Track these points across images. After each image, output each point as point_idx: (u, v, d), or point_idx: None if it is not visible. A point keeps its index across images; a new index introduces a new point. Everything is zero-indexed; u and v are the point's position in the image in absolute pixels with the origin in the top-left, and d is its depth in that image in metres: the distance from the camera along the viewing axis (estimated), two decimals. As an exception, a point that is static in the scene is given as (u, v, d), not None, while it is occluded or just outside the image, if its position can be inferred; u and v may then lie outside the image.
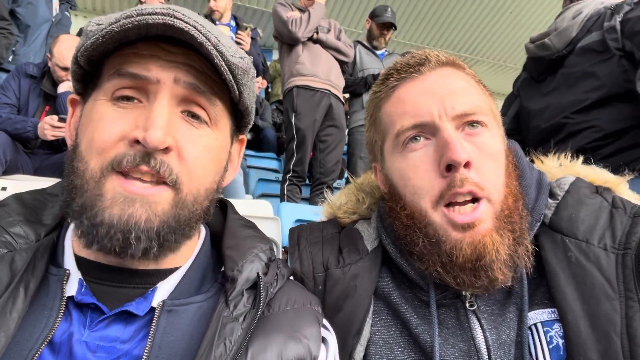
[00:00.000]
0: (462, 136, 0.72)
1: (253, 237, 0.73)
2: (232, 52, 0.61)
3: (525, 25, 7.98)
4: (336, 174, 3.40)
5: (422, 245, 0.72)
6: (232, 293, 0.62)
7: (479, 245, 0.67)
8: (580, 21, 1.77)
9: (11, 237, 0.59)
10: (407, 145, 0.75)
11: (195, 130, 0.61)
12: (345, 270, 0.82)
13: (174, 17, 0.55)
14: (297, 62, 3.24)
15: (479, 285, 0.69)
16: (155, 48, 0.59)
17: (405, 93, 0.77)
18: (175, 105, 0.60)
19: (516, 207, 0.72)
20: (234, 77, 0.62)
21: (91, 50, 0.59)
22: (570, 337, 0.64)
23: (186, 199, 0.60)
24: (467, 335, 0.71)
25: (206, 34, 0.57)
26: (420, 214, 0.72)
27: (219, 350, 0.55)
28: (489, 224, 0.69)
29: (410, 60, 0.79)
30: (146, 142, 0.54)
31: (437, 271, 0.71)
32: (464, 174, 0.68)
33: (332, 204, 0.99)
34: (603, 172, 0.85)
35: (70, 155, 0.62)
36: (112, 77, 0.59)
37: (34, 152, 2.82)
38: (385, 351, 0.75)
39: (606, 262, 0.67)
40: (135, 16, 0.55)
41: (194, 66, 0.61)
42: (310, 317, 0.67)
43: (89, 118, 0.60)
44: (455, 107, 0.72)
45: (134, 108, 0.59)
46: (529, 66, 2.04)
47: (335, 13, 7.48)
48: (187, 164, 0.59)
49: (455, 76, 0.78)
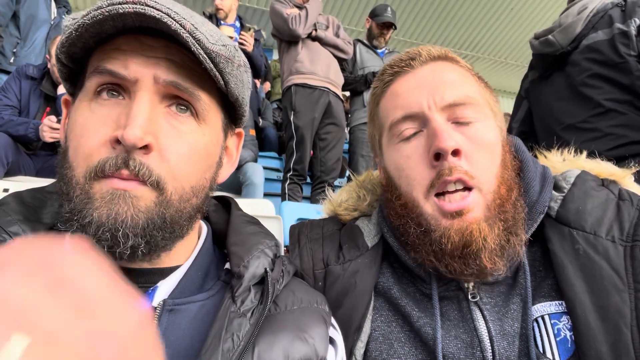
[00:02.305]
0: (452, 127, 0.72)
1: (258, 233, 0.72)
2: (212, 40, 0.58)
3: (526, 22, 7.96)
4: (337, 172, 3.39)
5: (414, 234, 0.73)
6: (238, 289, 0.61)
7: (465, 233, 0.68)
8: (585, 17, 1.74)
9: (9, 236, 0.58)
10: (400, 136, 0.76)
11: (180, 125, 0.59)
12: (345, 267, 0.82)
13: (145, 4, 0.53)
14: (295, 60, 3.23)
15: (469, 272, 0.70)
16: (135, 42, 0.58)
17: (398, 87, 0.79)
18: (158, 102, 0.58)
19: (509, 196, 0.72)
20: (216, 65, 0.59)
21: (68, 46, 0.57)
22: (580, 329, 0.64)
23: (171, 198, 0.58)
24: (470, 326, 0.71)
25: (180, 20, 0.54)
26: (413, 204, 0.74)
27: (226, 345, 0.55)
28: (478, 212, 0.69)
29: (403, 56, 0.82)
30: (124, 139, 0.53)
31: (430, 260, 0.72)
32: (453, 162, 0.69)
33: (333, 201, 0.99)
34: (608, 165, 0.85)
35: (60, 160, 0.60)
36: (92, 75, 0.58)
37: (35, 153, 2.82)
38: (384, 347, 0.75)
39: (614, 254, 0.67)
40: (105, 6, 0.53)
41: (175, 60, 0.58)
42: (316, 317, 0.66)
43: (74, 122, 0.59)
44: (444, 97, 0.73)
45: (115, 105, 0.57)
46: (535, 63, 2.02)
47: (335, 11, 7.48)
48: (169, 163, 0.57)
49: (448, 69, 0.79)
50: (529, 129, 2.05)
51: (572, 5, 1.85)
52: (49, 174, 2.78)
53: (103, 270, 0.30)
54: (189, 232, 0.66)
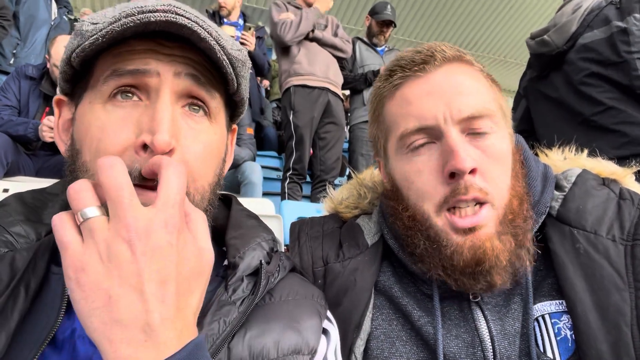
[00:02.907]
0: (467, 140, 0.70)
1: (257, 226, 0.73)
2: (231, 45, 0.60)
3: (525, 20, 7.95)
4: (337, 171, 3.40)
5: (423, 247, 0.72)
6: (232, 278, 0.61)
7: (478, 251, 0.66)
8: (579, 15, 1.73)
9: (12, 236, 0.59)
10: (411, 148, 0.73)
11: (196, 126, 0.61)
12: (344, 265, 0.82)
13: (176, 13, 0.54)
14: (293, 62, 3.23)
15: (478, 288, 0.69)
16: (151, 43, 0.58)
17: (410, 93, 0.75)
18: (175, 101, 0.59)
19: (520, 210, 0.71)
20: (234, 69, 0.61)
21: (88, 51, 0.57)
22: (580, 328, 0.64)
23: (194, 199, 0.59)
24: (471, 326, 0.71)
25: (208, 28, 0.56)
26: (423, 217, 0.72)
27: (212, 327, 0.55)
28: (491, 228, 0.68)
29: (415, 57, 0.76)
30: (154, 146, 0.53)
31: (439, 274, 0.71)
32: (469, 181, 0.67)
33: (334, 198, 0.99)
34: (609, 164, 0.85)
35: (70, 164, 0.60)
36: (109, 78, 0.57)
37: (35, 153, 2.82)
38: (386, 345, 0.75)
39: (615, 254, 0.67)
40: (136, 14, 0.53)
41: (193, 59, 0.60)
42: (310, 309, 0.66)
43: (87, 124, 0.58)
44: (461, 109, 0.70)
45: (134, 107, 0.57)
46: (532, 63, 2.01)
47: (334, 10, 7.47)
48: (190, 166, 0.58)
49: (462, 73, 0.75)
50: (529, 127, 2.05)
51: (566, 4, 1.85)
52: (49, 174, 2.78)
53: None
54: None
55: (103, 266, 0.42)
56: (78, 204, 0.44)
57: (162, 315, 0.42)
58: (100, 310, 0.41)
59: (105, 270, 0.42)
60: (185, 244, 0.47)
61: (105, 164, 0.45)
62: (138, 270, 0.42)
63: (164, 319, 0.42)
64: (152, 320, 0.42)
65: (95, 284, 0.42)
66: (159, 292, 0.43)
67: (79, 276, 0.42)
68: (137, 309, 0.42)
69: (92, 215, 0.44)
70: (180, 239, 0.46)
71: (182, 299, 0.45)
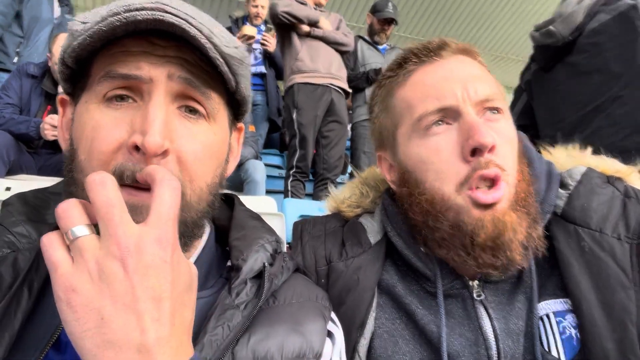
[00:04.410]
0: (482, 121, 0.72)
1: (260, 228, 0.72)
2: (226, 42, 0.58)
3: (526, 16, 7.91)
4: (339, 169, 3.39)
5: (443, 229, 0.72)
6: (235, 281, 0.61)
7: (499, 224, 0.67)
8: (585, 6, 1.72)
9: (14, 236, 0.58)
10: (429, 129, 0.74)
11: (192, 127, 0.59)
12: (347, 264, 0.81)
13: (164, 11, 0.53)
14: (296, 59, 3.21)
15: (498, 264, 0.69)
16: (144, 43, 0.57)
17: (426, 77, 0.77)
18: (170, 102, 0.58)
19: (529, 191, 0.72)
20: (230, 67, 0.60)
21: (78, 51, 0.57)
22: (585, 326, 0.64)
23: (191, 200, 0.58)
24: (475, 324, 0.71)
25: (198, 26, 0.54)
26: (443, 198, 0.71)
27: (216, 333, 0.55)
28: (507, 204, 0.69)
29: (429, 45, 0.79)
30: (145, 147, 0.52)
31: (458, 254, 0.71)
32: (489, 157, 0.68)
33: (336, 197, 0.98)
34: (614, 162, 0.84)
35: (68, 163, 0.60)
36: (103, 79, 0.57)
37: (37, 152, 2.82)
38: (389, 344, 0.75)
39: (620, 252, 0.67)
40: (123, 13, 0.52)
41: (187, 59, 0.58)
42: (314, 312, 0.66)
43: (83, 124, 0.58)
44: (477, 92, 0.72)
45: (128, 108, 0.57)
46: (537, 56, 2.00)
47: (336, 7, 7.45)
48: (186, 166, 0.58)
49: (472, 64, 0.79)
50: (529, 122, 2.04)
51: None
52: (50, 172, 2.78)
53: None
54: (204, 231, 0.66)
55: (94, 286, 0.41)
56: (66, 223, 0.43)
57: (158, 334, 0.41)
58: (93, 332, 0.40)
59: (97, 289, 0.40)
60: (180, 259, 0.46)
61: (96, 180, 0.44)
62: (131, 289, 0.41)
63: (160, 338, 0.41)
64: (147, 341, 0.40)
65: (86, 305, 0.40)
66: (153, 311, 0.42)
67: (70, 297, 0.40)
68: (131, 329, 0.40)
69: (82, 235, 0.42)
70: (174, 255, 0.45)
71: (178, 315, 0.44)
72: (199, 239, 0.66)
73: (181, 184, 0.56)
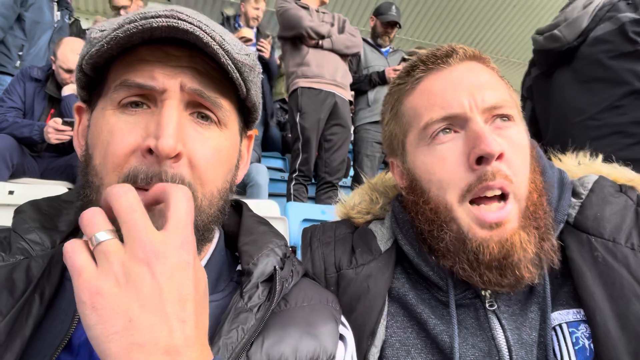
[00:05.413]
0: (491, 129, 0.71)
1: (268, 232, 0.73)
2: (237, 50, 0.60)
3: (528, 19, 7.93)
4: (342, 172, 3.39)
5: (447, 240, 0.71)
6: (247, 285, 0.62)
7: (506, 244, 0.66)
8: (591, 11, 1.71)
9: (27, 243, 0.59)
10: (435, 137, 0.73)
11: (204, 132, 0.61)
12: (358, 271, 0.81)
13: (178, 18, 0.54)
14: (302, 64, 3.21)
15: (505, 283, 0.68)
16: (159, 53, 0.59)
17: (433, 85, 0.76)
18: (183, 109, 0.60)
19: (540, 202, 0.71)
20: (241, 74, 0.61)
21: (96, 58, 0.58)
22: (600, 338, 0.63)
23: (202, 204, 0.60)
24: (487, 335, 0.71)
25: (211, 33, 0.56)
26: (445, 207, 0.71)
27: (231, 336, 0.55)
28: (515, 222, 0.68)
29: (437, 52, 0.78)
30: (158, 150, 0.54)
31: (463, 268, 0.70)
32: (496, 166, 0.68)
33: (346, 204, 0.98)
34: (626, 170, 0.84)
35: (83, 167, 0.61)
36: (119, 87, 0.59)
37: (40, 155, 2.82)
38: (402, 353, 0.74)
39: (634, 262, 0.66)
40: (139, 20, 0.54)
41: (199, 69, 0.60)
42: (326, 314, 0.66)
43: (99, 130, 0.59)
44: (485, 99, 0.71)
45: (143, 114, 0.58)
46: (538, 60, 1.98)
47: (337, 9, 7.46)
48: (198, 170, 0.59)
49: (482, 70, 0.77)
50: (536, 130, 2.02)
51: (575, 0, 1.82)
52: (53, 175, 2.78)
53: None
54: (214, 235, 0.67)
55: (121, 289, 0.41)
56: (92, 229, 0.44)
57: (185, 335, 0.42)
58: (120, 335, 0.40)
59: (124, 292, 0.41)
60: (199, 264, 0.47)
61: (119, 192, 0.46)
62: (158, 291, 0.42)
63: (187, 339, 0.42)
64: (175, 342, 0.41)
65: (113, 308, 0.40)
66: (180, 312, 0.42)
67: (95, 300, 0.40)
68: (159, 331, 0.41)
69: (106, 239, 0.43)
70: (196, 259, 0.46)
71: (200, 318, 0.45)
72: (209, 243, 0.68)
73: (192, 188, 0.57)
